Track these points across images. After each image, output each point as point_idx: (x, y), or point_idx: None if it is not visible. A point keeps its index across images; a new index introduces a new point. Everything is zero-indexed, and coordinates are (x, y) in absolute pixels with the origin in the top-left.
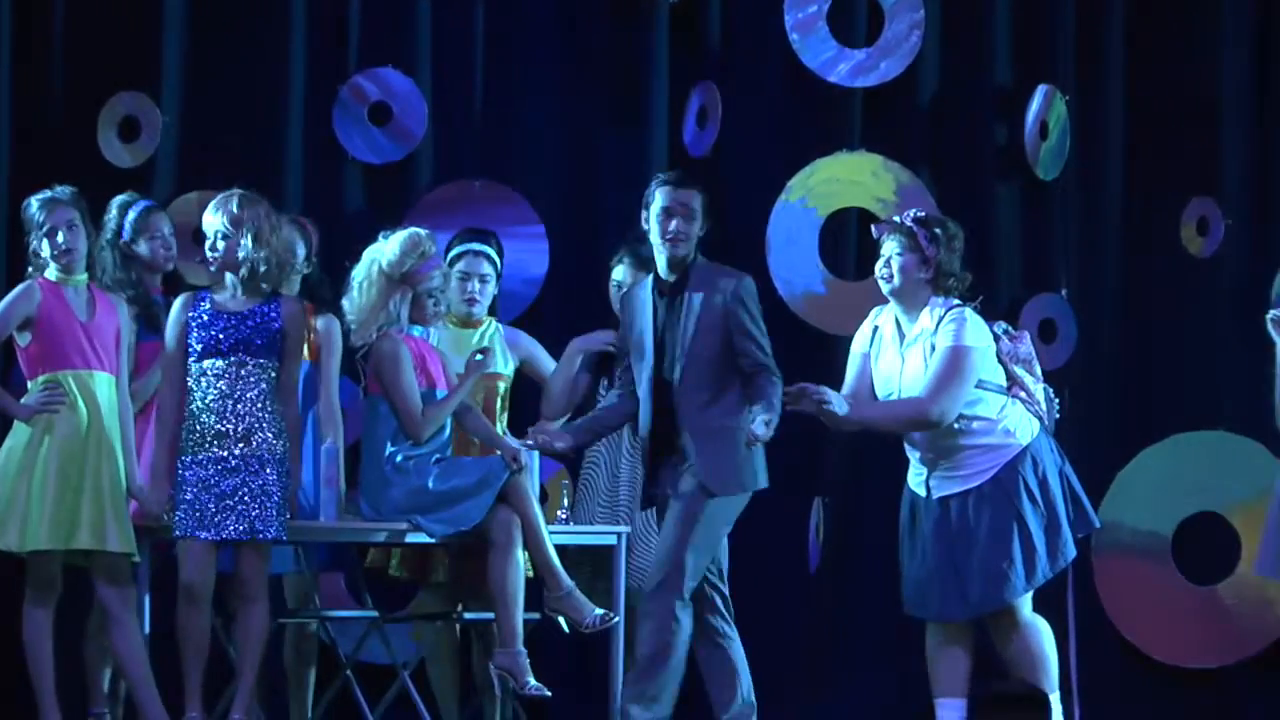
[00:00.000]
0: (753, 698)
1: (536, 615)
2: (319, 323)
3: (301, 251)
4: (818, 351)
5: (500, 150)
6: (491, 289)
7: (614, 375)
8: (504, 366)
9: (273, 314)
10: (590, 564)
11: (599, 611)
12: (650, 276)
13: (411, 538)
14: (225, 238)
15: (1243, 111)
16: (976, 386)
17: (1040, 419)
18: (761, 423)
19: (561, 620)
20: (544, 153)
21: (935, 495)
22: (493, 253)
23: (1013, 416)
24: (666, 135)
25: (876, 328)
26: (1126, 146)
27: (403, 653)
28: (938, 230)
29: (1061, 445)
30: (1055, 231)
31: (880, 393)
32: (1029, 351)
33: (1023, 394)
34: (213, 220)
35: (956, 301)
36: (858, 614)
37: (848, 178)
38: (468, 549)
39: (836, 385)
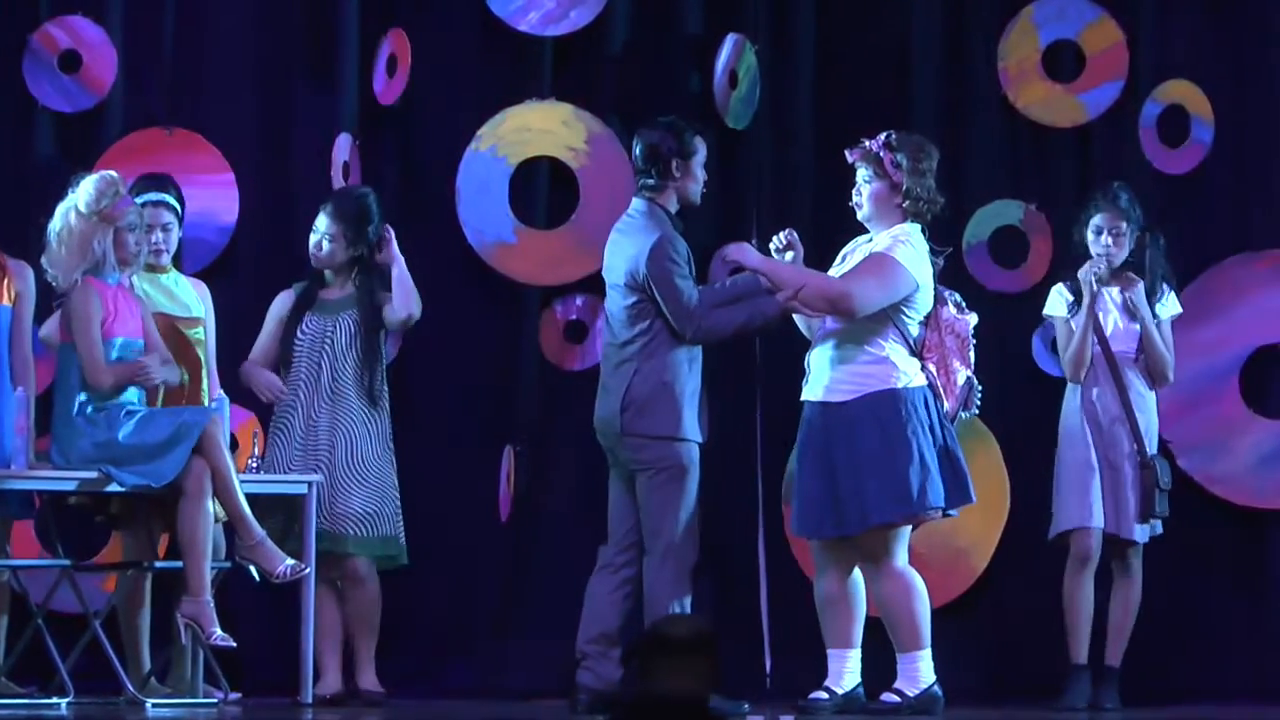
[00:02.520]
0: None
1: (228, 564)
2: (12, 266)
3: None
4: (508, 300)
5: (191, 98)
6: (176, 235)
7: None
8: (202, 311)
9: None
10: (283, 512)
11: (290, 561)
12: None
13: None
14: None
15: (932, 60)
16: (892, 326)
17: (936, 392)
18: None
19: (253, 569)
20: (235, 101)
21: (804, 397)
22: (172, 200)
23: (902, 363)
24: (357, 83)
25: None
26: (816, 96)
27: (94, 601)
28: (900, 156)
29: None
30: (747, 181)
31: None
32: (966, 332)
33: (932, 366)
34: None
35: (910, 224)
36: (548, 563)
37: (538, 126)
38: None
39: (529, 334)
